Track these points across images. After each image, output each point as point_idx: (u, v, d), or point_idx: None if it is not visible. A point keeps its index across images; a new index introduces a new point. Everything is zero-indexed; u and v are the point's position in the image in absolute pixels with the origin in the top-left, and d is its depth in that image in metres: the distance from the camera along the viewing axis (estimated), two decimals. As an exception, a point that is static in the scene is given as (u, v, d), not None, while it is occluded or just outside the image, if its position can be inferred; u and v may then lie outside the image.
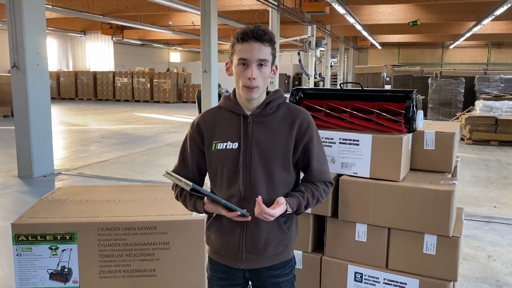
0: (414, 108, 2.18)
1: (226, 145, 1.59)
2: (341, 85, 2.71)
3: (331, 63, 22.48)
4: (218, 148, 1.60)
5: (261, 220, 1.56)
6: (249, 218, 1.52)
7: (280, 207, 1.49)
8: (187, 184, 1.44)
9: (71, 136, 10.51)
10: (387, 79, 19.31)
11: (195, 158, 1.66)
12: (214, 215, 1.63)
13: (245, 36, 1.52)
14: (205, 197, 1.53)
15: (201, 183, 1.71)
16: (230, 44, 1.59)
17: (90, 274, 2.08)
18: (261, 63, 1.53)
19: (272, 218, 1.48)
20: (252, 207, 1.51)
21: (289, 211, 1.54)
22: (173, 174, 1.51)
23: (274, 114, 1.62)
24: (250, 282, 1.72)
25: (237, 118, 1.61)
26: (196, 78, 22.04)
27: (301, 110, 1.66)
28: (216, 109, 1.69)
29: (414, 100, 2.18)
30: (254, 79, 1.52)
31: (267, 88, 1.68)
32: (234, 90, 1.65)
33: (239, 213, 1.50)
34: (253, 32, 1.52)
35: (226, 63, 1.63)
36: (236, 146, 1.59)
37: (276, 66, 1.63)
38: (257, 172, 1.57)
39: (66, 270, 2.06)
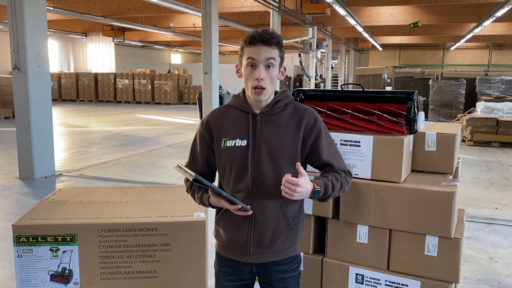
0: (415, 110, 2.17)
1: (235, 143, 1.64)
2: (342, 86, 2.71)
3: (332, 64, 22.47)
4: (227, 145, 1.65)
5: (268, 215, 1.61)
6: (250, 213, 1.57)
7: (305, 178, 1.48)
8: (191, 175, 1.50)
9: (72, 137, 10.52)
10: (388, 80, 19.32)
11: (204, 155, 1.72)
12: (223, 209, 1.67)
13: (253, 40, 1.58)
14: (209, 190, 1.59)
15: (211, 179, 1.76)
16: (239, 47, 1.65)
17: (90, 275, 2.07)
18: (268, 64, 1.58)
19: (299, 190, 1.46)
20: (260, 202, 1.59)
21: (318, 188, 1.54)
22: (182, 166, 1.59)
23: (281, 113, 1.67)
24: (256, 277, 1.76)
25: (246, 116, 1.66)
26: (197, 79, 22.06)
27: (307, 109, 1.71)
28: (225, 108, 1.74)
29: (415, 101, 2.17)
30: (262, 79, 1.57)
31: None
32: (243, 90, 1.70)
33: (240, 206, 1.54)
34: (261, 35, 1.57)
35: (236, 65, 1.69)
36: (245, 144, 1.63)
37: (284, 68, 1.69)
38: (265, 169, 1.61)
39: (66, 271, 2.06)
